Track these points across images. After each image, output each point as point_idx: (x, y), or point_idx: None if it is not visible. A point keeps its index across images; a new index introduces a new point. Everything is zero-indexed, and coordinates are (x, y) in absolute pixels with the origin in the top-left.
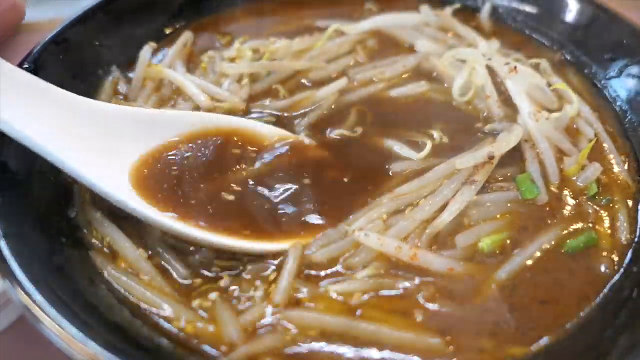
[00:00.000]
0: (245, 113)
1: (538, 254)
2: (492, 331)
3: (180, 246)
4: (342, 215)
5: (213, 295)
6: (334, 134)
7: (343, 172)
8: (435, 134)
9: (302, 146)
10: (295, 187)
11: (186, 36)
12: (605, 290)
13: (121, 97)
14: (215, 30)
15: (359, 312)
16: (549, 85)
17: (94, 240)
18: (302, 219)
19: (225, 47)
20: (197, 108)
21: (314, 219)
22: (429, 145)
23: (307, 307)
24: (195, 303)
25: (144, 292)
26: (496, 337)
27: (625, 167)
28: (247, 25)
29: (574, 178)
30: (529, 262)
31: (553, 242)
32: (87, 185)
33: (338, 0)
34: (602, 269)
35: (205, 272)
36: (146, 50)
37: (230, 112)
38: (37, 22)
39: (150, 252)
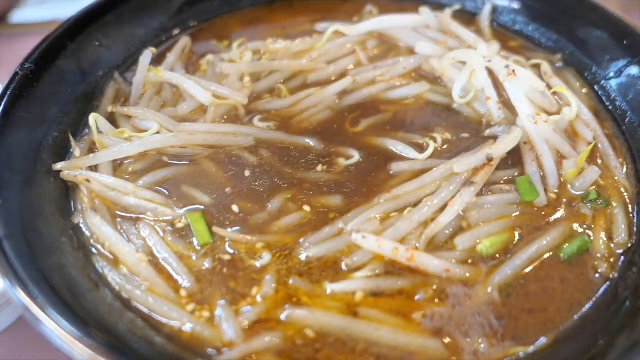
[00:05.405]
0: (248, 111)
1: (536, 256)
2: (489, 333)
3: (181, 249)
4: (340, 213)
5: (212, 295)
6: (334, 133)
7: (343, 171)
8: (436, 136)
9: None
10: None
11: (184, 41)
12: (602, 292)
13: (121, 102)
14: (214, 35)
15: (357, 312)
16: (549, 87)
17: (94, 243)
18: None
19: (224, 51)
20: (200, 107)
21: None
22: (432, 146)
23: (305, 306)
24: (195, 303)
25: (145, 295)
26: (493, 338)
27: (624, 170)
28: (246, 30)
29: (573, 181)
30: (527, 264)
31: (551, 245)
32: None
33: (337, 5)
34: (600, 271)
35: (205, 272)
36: (146, 56)
37: (233, 109)
38: (37, 22)
39: (150, 256)
